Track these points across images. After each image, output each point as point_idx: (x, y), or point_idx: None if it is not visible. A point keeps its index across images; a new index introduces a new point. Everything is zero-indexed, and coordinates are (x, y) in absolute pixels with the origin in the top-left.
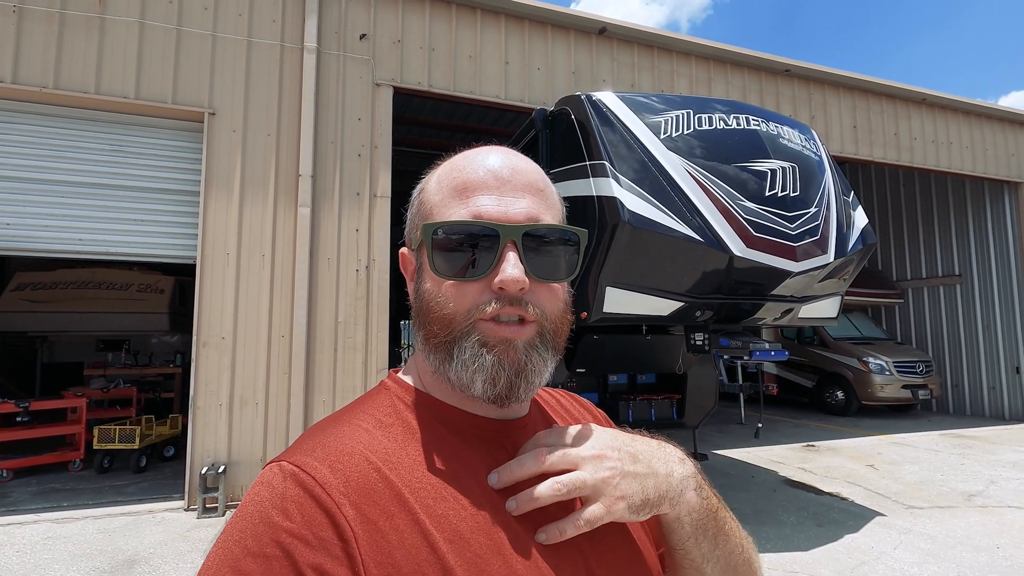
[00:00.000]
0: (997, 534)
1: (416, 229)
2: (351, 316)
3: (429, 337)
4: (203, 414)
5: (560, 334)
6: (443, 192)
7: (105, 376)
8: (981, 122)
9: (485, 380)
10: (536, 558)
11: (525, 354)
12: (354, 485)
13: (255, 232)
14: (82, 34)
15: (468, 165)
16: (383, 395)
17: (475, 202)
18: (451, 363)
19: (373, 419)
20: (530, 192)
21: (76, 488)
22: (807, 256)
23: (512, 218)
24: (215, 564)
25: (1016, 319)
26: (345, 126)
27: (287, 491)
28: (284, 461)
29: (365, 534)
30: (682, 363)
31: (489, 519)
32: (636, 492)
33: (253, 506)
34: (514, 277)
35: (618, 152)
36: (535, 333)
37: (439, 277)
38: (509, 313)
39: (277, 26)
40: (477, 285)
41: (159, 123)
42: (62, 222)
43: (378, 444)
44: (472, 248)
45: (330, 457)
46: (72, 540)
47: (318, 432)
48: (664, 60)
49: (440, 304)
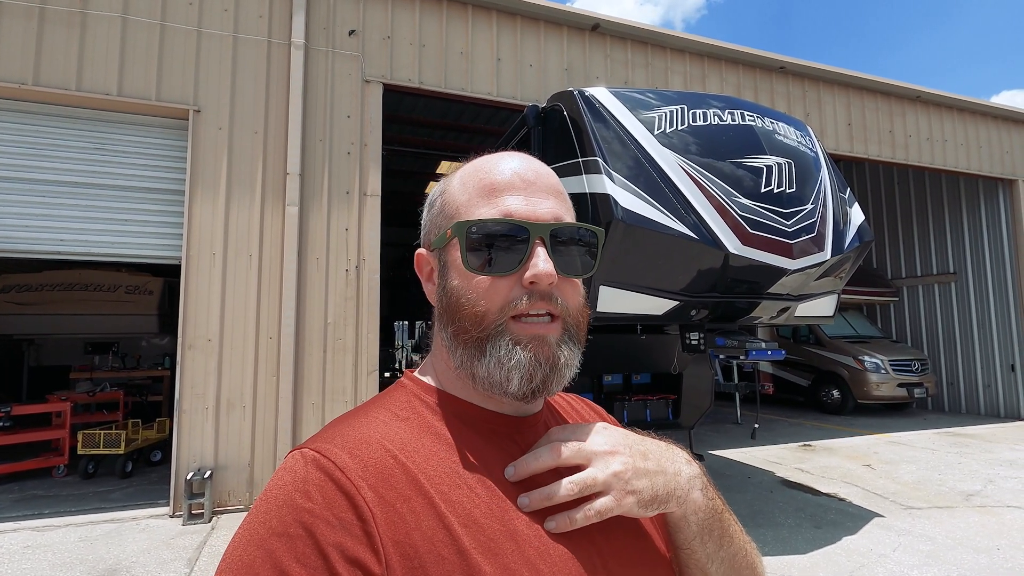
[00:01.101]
0: (997, 535)
1: (439, 229)
2: (341, 317)
3: (459, 333)
4: (189, 418)
5: (581, 328)
6: (469, 192)
7: (91, 379)
8: (975, 120)
9: (522, 376)
10: (549, 545)
11: (558, 347)
12: (372, 470)
13: (242, 232)
14: (62, 29)
15: (493, 168)
16: (400, 392)
17: (504, 202)
18: (483, 360)
19: (390, 412)
20: (553, 194)
21: (59, 495)
22: (803, 253)
23: (540, 217)
24: (242, 543)
25: (1011, 317)
26: (334, 123)
27: (308, 475)
28: (306, 448)
29: (383, 515)
30: (677, 363)
31: (503, 507)
32: (646, 488)
33: (277, 490)
34: (546, 271)
35: (612, 148)
36: (562, 329)
37: (471, 273)
38: (539, 307)
39: (264, 22)
40: (508, 281)
41: (143, 120)
42: (43, 222)
43: (395, 434)
44: (504, 246)
45: (349, 444)
46: (52, 549)
47: (338, 424)
48: (658, 57)
49: (472, 300)
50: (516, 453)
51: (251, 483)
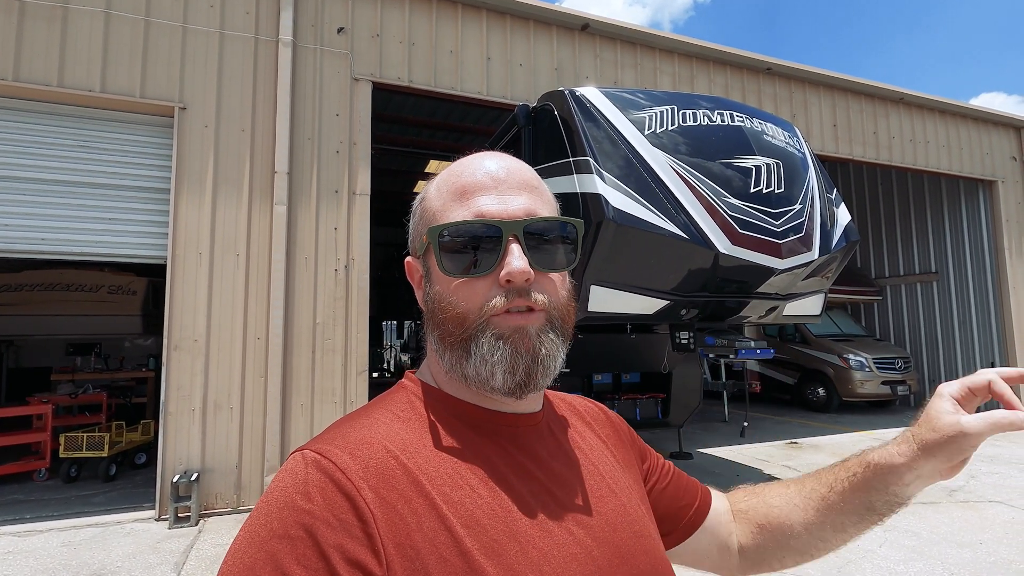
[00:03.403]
0: (979, 529)
1: (420, 236)
2: (330, 317)
3: (444, 336)
4: (175, 420)
5: (567, 320)
6: (443, 197)
7: (73, 381)
8: (956, 121)
9: (505, 370)
10: (553, 546)
11: (538, 339)
12: (373, 471)
13: (229, 231)
14: (43, 24)
15: (465, 170)
16: (401, 393)
17: (475, 203)
18: (468, 360)
19: (391, 413)
20: (526, 189)
21: (41, 499)
22: (792, 253)
23: (512, 214)
24: (243, 546)
25: (991, 315)
26: (323, 122)
27: (309, 476)
28: (307, 449)
29: (384, 516)
30: (667, 362)
31: (504, 507)
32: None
33: (278, 492)
34: (520, 268)
35: (602, 148)
36: (545, 320)
37: (448, 277)
38: (518, 304)
39: (251, 18)
40: (485, 281)
41: (127, 118)
42: (24, 221)
43: (396, 435)
44: (477, 247)
45: (350, 445)
46: (34, 554)
47: (339, 425)
48: (647, 57)
49: (452, 304)
50: (516, 453)
51: (239, 485)
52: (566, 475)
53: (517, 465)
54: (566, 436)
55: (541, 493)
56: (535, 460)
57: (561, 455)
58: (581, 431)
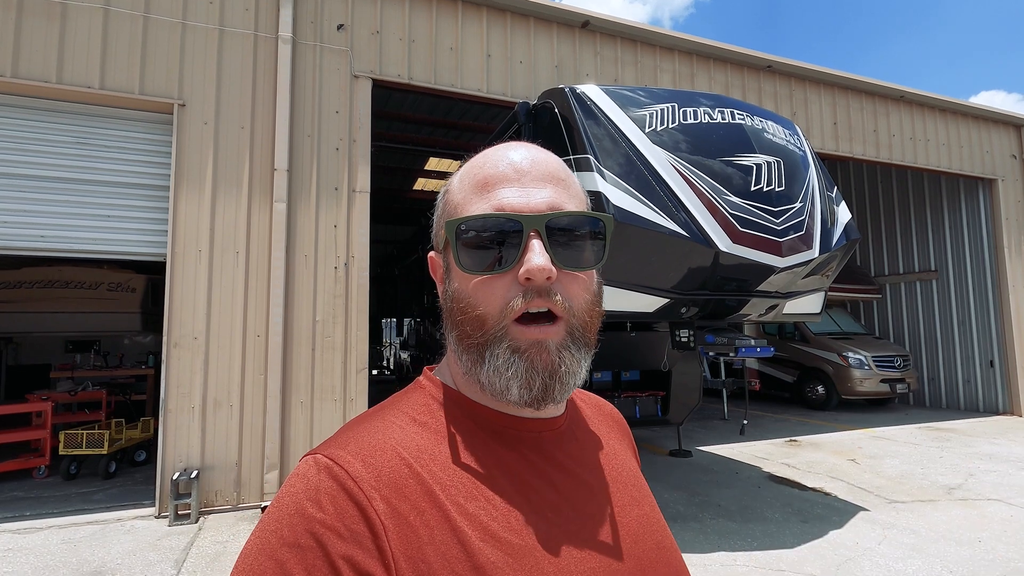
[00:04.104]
0: (978, 527)
1: (441, 229)
2: (329, 314)
3: (462, 338)
4: (175, 417)
5: (590, 329)
6: (465, 190)
7: (73, 378)
8: (956, 120)
9: (520, 386)
10: (569, 562)
11: (558, 355)
12: (385, 480)
13: (228, 228)
14: (42, 21)
15: (488, 161)
16: (418, 393)
17: (497, 195)
18: (482, 367)
19: (407, 416)
20: (551, 182)
21: (40, 496)
22: (792, 251)
23: (535, 208)
24: (253, 553)
25: (990, 313)
26: (322, 119)
27: (320, 484)
28: (319, 454)
29: (395, 528)
30: (667, 360)
31: (521, 519)
32: None
33: (289, 497)
34: (540, 266)
35: (602, 146)
36: (565, 333)
37: (466, 274)
38: (538, 305)
39: (250, 15)
40: (504, 279)
41: (126, 115)
42: (23, 218)
43: (411, 440)
44: (497, 242)
45: (363, 451)
46: (34, 551)
47: (353, 426)
48: (647, 55)
49: (471, 304)
50: (538, 461)
51: (238, 483)
52: (590, 483)
53: (539, 474)
54: (589, 440)
55: (562, 504)
56: (558, 468)
57: (585, 461)
58: (605, 435)
